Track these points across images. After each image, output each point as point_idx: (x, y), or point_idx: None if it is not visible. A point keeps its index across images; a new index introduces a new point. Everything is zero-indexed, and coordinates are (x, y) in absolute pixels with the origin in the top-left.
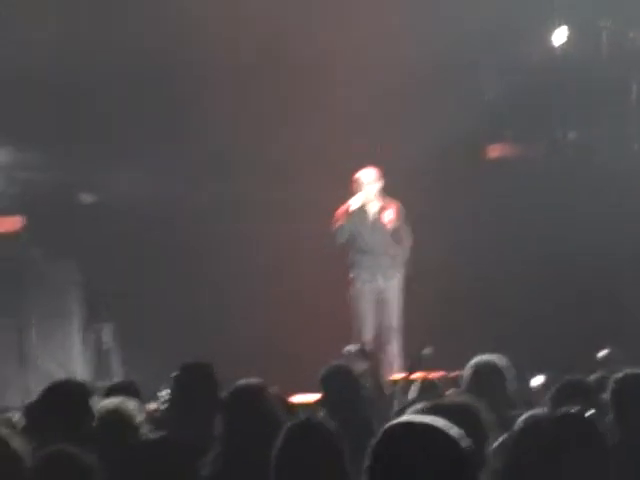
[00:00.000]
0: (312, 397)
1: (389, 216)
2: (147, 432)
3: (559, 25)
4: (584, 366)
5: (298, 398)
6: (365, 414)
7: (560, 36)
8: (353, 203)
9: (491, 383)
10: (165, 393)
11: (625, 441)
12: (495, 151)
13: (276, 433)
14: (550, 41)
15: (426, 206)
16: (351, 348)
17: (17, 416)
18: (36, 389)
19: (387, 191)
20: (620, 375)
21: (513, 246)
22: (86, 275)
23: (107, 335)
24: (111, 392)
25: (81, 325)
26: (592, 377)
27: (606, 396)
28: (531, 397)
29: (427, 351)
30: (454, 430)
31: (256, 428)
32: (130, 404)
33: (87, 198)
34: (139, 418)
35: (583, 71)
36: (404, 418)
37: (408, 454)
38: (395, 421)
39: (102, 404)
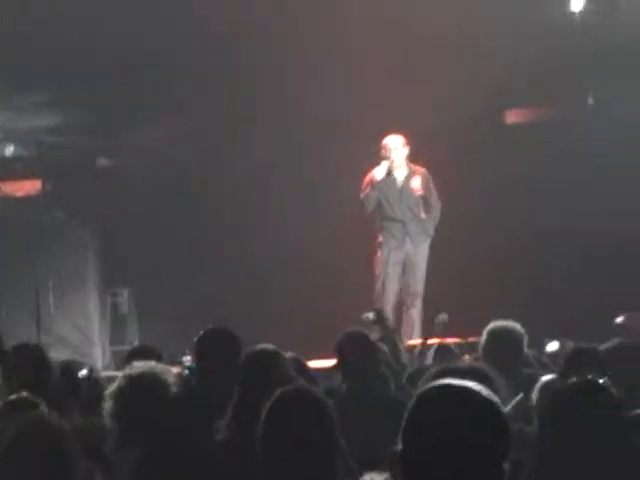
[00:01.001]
0: (331, 362)
1: (417, 182)
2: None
3: None
4: (601, 333)
5: (317, 363)
6: (381, 381)
7: (577, 2)
8: (379, 171)
9: (507, 348)
10: (187, 359)
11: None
12: (514, 116)
13: None
14: (569, 5)
15: (449, 173)
16: (369, 314)
17: None
18: (51, 350)
19: (411, 158)
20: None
21: (533, 213)
22: (104, 240)
23: (124, 300)
24: (133, 356)
25: (98, 290)
26: (605, 345)
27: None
28: (546, 362)
29: (443, 317)
30: (491, 394)
31: (268, 393)
32: (162, 367)
33: (104, 162)
34: (170, 380)
35: (602, 35)
36: (439, 381)
37: (448, 417)
38: (433, 384)
39: (136, 365)
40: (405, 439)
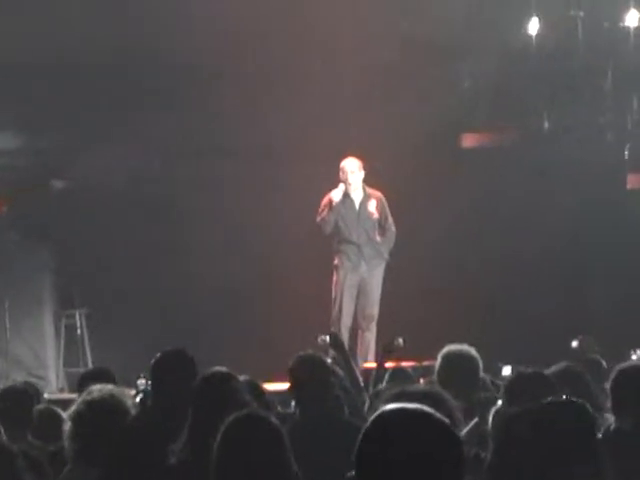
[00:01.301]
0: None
1: (373, 206)
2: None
3: (534, 15)
4: (557, 355)
5: (274, 386)
6: (335, 404)
7: (534, 26)
8: (336, 194)
9: (462, 372)
10: (142, 382)
11: (621, 430)
12: (470, 140)
13: None
14: (526, 30)
15: (404, 197)
16: (324, 337)
17: None
18: (7, 373)
19: (367, 182)
20: (622, 365)
21: (488, 236)
22: (60, 261)
23: (80, 321)
24: (87, 378)
25: (54, 311)
26: (554, 368)
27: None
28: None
29: (399, 340)
30: (444, 418)
31: (222, 416)
32: (120, 391)
33: (58, 184)
34: (129, 403)
35: (558, 60)
36: (396, 405)
37: (403, 441)
38: (388, 407)
39: (94, 388)
40: (359, 463)
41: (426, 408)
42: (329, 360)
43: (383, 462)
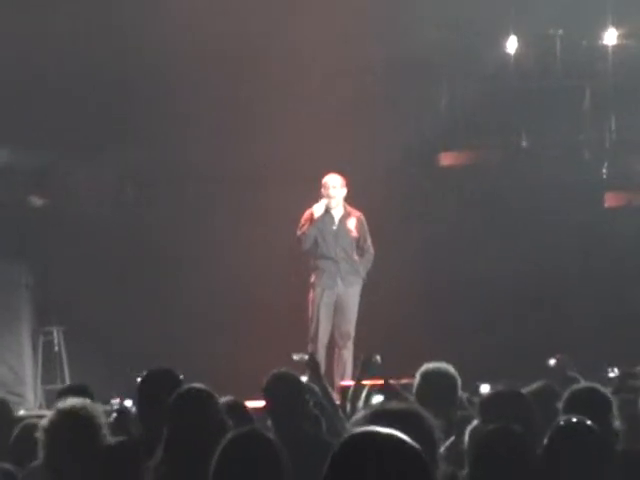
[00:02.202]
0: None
1: (352, 224)
2: (108, 435)
3: (513, 34)
4: (534, 374)
5: (251, 404)
6: (312, 422)
7: (512, 45)
8: (318, 208)
9: (440, 390)
10: (116, 401)
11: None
12: (449, 159)
13: (221, 440)
14: (505, 49)
15: (382, 215)
16: (301, 355)
17: None
18: None
19: (347, 199)
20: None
21: (466, 254)
22: (37, 278)
23: (57, 339)
24: (64, 395)
25: (31, 328)
26: (530, 387)
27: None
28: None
29: (376, 358)
30: (414, 444)
31: (199, 434)
32: (96, 406)
33: (37, 201)
34: (102, 418)
35: (537, 79)
36: (364, 428)
37: (372, 464)
38: (356, 431)
39: (70, 400)
40: None
41: (397, 433)
42: (305, 378)
43: None
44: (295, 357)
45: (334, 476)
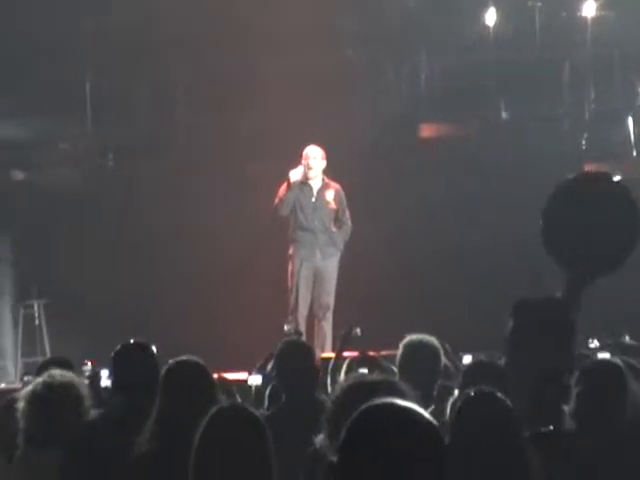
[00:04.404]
0: (243, 375)
1: (331, 196)
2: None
3: (492, 6)
4: None
5: (231, 375)
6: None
7: (491, 17)
8: (295, 173)
9: (423, 361)
10: (88, 368)
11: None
12: (428, 130)
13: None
14: (483, 21)
15: (362, 188)
16: (290, 328)
17: None
18: None
19: (326, 173)
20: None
21: (446, 226)
22: (17, 252)
23: (38, 312)
24: (45, 367)
25: (11, 301)
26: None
27: None
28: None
29: (356, 330)
30: (432, 419)
31: (192, 405)
32: (82, 381)
33: (18, 175)
34: (86, 392)
35: (516, 51)
36: (382, 400)
37: (392, 436)
38: (376, 401)
39: (55, 372)
40: (344, 454)
41: (413, 406)
42: None
43: (369, 454)
44: (286, 328)
45: (352, 442)
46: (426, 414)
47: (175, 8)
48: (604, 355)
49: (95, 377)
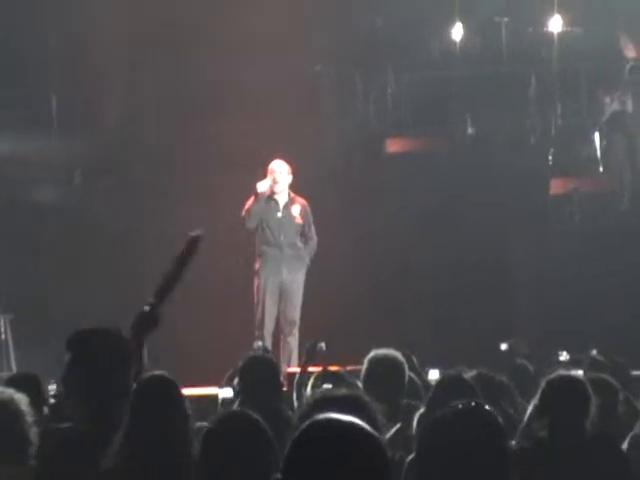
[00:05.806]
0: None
1: (297, 211)
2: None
3: (458, 21)
4: (488, 358)
5: (193, 391)
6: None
7: (458, 32)
8: (261, 185)
9: (388, 376)
10: (53, 387)
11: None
12: (396, 145)
13: (183, 427)
14: (450, 36)
15: (329, 202)
16: (260, 345)
17: None
18: None
19: (293, 188)
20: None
21: (413, 241)
22: None
23: (3, 327)
24: (11, 383)
25: None
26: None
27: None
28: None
29: (321, 345)
30: (373, 431)
31: (163, 425)
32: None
33: None
34: (24, 407)
35: (483, 66)
36: (324, 415)
37: (333, 451)
38: (320, 416)
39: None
40: (287, 467)
41: (357, 420)
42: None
43: (313, 469)
44: (256, 344)
45: (296, 458)
46: (368, 428)
47: (145, 22)
48: (570, 370)
49: (61, 397)
